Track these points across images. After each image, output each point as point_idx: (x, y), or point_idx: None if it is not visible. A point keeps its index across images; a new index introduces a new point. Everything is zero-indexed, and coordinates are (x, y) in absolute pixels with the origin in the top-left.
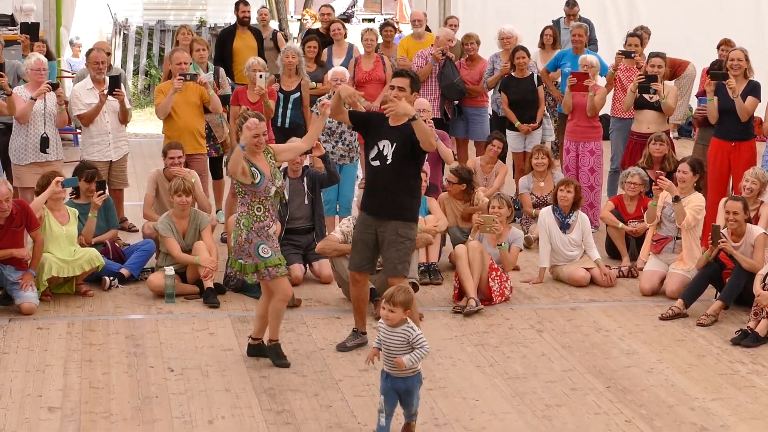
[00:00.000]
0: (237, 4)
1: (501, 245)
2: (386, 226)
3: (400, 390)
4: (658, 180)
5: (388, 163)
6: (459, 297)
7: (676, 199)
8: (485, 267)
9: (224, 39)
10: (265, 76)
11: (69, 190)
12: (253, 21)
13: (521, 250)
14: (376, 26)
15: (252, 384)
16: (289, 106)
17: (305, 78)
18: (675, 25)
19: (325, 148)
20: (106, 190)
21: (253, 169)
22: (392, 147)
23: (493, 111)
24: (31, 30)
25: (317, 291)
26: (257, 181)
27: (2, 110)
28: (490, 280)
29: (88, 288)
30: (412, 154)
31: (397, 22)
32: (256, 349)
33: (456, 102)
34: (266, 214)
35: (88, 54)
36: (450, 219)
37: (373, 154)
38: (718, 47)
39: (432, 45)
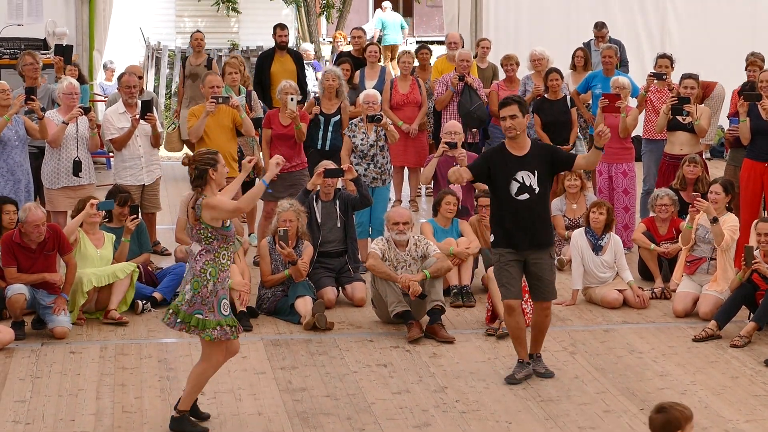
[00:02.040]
0: (274, 28)
1: None
2: (543, 253)
3: None
4: (695, 202)
5: (537, 192)
6: (492, 319)
7: (715, 220)
8: None
9: (262, 63)
10: (296, 99)
11: (104, 212)
12: (190, 45)
13: None
14: (411, 49)
15: (285, 407)
16: (330, 128)
17: (345, 101)
18: (707, 46)
19: (357, 171)
20: (140, 215)
21: None
22: (535, 176)
23: None
24: (66, 52)
25: (350, 314)
26: (228, 224)
27: (35, 134)
28: (523, 302)
29: (121, 315)
30: (551, 176)
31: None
32: (180, 423)
33: (475, 129)
34: (228, 262)
35: (120, 78)
36: (482, 241)
37: (514, 189)
38: (746, 62)
39: (455, 68)
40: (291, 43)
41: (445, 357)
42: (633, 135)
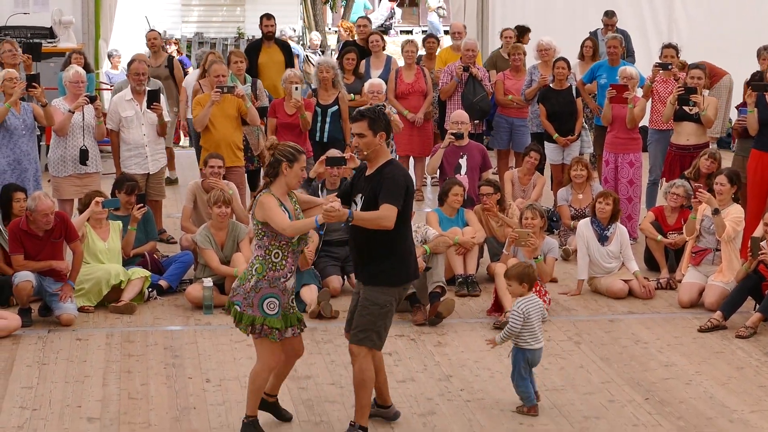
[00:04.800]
0: (261, 18)
1: (537, 258)
2: (363, 288)
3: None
4: (697, 193)
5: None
6: (495, 309)
7: (716, 211)
8: None
9: (249, 54)
10: (301, 88)
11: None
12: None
13: (557, 260)
14: (417, 38)
15: (290, 395)
16: (327, 120)
17: (342, 91)
18: (715, 35)
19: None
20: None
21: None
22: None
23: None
24: (34, 50)
25: None
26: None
27: (41, 121)
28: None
29: (127, 301)
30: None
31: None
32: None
33: (477, 121)
34: (284, 262)
35: (129, 65)
36: (487, 230)
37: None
38: (758, 55)
39: (460, 58)
40: (297, 32)
41: (450, 346)
42: (639, 125)
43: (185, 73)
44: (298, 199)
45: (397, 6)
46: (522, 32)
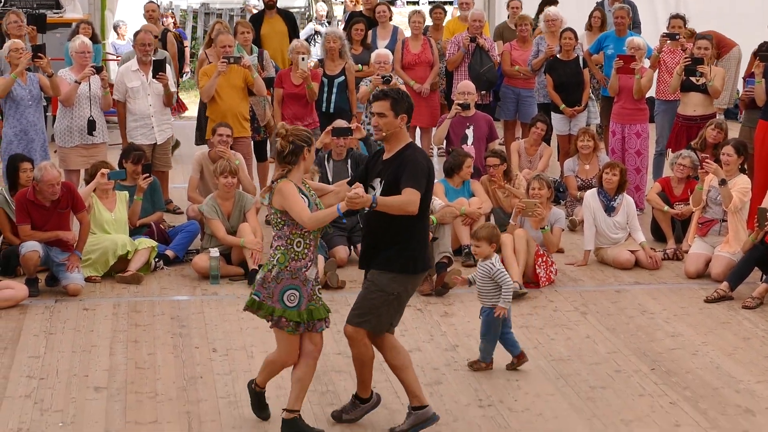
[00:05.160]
0: None
1: (544, 228)
2: (372, 274)
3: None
4: (704, 163)
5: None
6: None
7: (723, 182)
8: (531, 254)
9: (252, 25)
10: (308, 58)
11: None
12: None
13: (563, 230)
14: (424, 8)
15: None
16: (334, 90)
17: (349, 61)
18: (723, 5)
19: (367, 130)
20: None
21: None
22: (381, 185)
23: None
24: (38, 21)
25: (361, 273)
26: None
27: (48, 91)
28: (536, 266)
29: (134, 271)
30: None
31: None
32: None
33: (484, 91)
34: (306, 251)
35: (135, 35)
36: (493, 201)
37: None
38: None
39: (467, 29)
40: (302, 3)
41: (456, 316)
42: (647, 96)
43: (181, 46)
44: (310, 187)
45: None
46: (548, 2)
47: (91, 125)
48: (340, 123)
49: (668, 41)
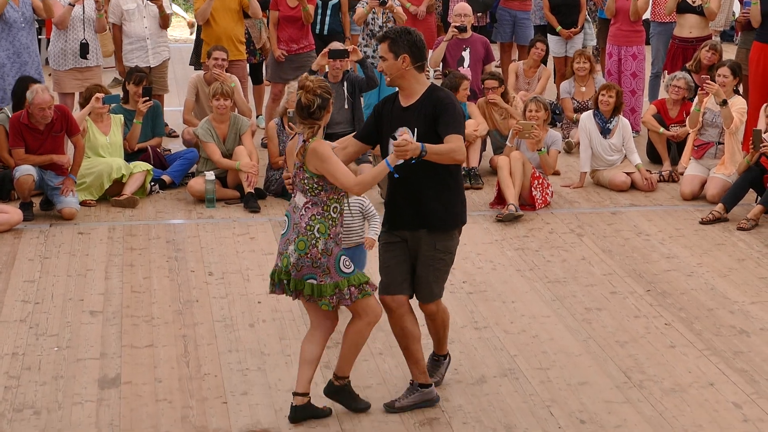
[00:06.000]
0: None
1: (540, 150)
2: (423, 237)
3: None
4: (704, 84)
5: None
6: (498, 202)
7: (724, 102)
8: (527, 176)
9: None
10: None
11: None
12: None
13: (560, 152)
14: None
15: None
16: (328, 12)
17: None
18: None
19: (364, 53)
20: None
21: None
22: (415, 134)
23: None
24: None
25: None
26: None
27: (40, 12)
28: (533, 189)
29: (129, 195)
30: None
31: None
32: (305, 411)
33: (480, 13)
34: (341, 216)
35: None
36: (489, 123)
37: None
38: None
39: None
40: None
41: None
42: (643, 18)
43: None
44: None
45: None
46: None
47: (84, 48)
48: (336, 45)
49: None
